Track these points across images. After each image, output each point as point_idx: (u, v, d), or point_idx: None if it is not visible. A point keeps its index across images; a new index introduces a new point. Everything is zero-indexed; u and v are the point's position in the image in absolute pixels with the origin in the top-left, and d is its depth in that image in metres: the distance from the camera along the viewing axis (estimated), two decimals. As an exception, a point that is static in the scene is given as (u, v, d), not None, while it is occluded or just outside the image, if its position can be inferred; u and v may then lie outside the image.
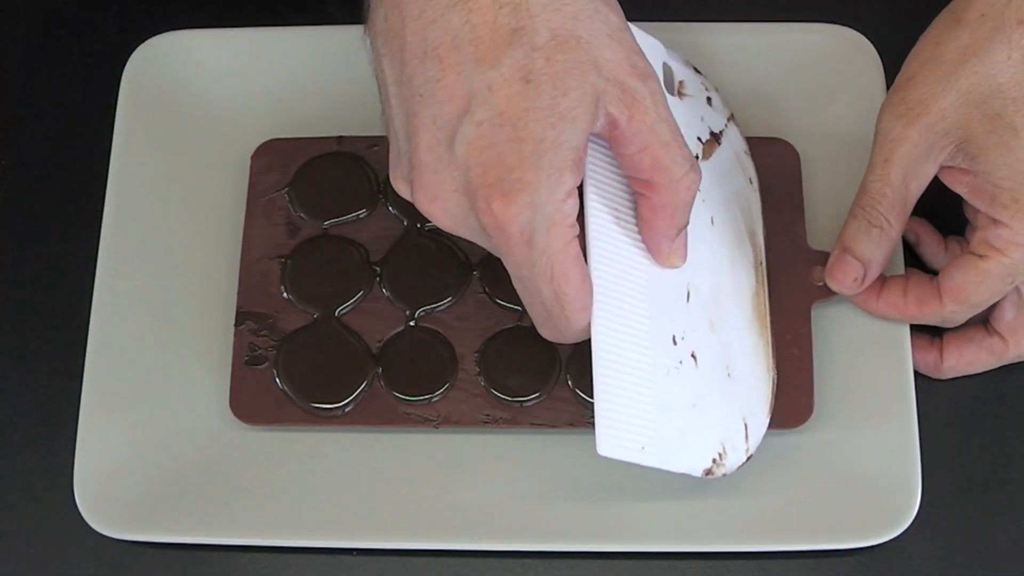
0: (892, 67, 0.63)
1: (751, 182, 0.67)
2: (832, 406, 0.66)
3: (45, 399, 0.69)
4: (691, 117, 0.64)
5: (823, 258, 0.67)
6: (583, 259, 0.56)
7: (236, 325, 0.68)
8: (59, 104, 0.75)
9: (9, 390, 0.70)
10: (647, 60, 0.56)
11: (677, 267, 0.60)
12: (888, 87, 0.63)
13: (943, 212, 0.67)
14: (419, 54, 0.54)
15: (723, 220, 0.64)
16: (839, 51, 0.71)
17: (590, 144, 0.56)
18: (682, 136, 0.56)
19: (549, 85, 0.53)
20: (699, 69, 0.67)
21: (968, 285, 0.62)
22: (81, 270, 0.70)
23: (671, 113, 0.56)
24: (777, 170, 0.69)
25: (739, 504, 0.65)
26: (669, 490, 0.65)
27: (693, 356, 0.61)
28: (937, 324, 0.66)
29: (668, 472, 0.60)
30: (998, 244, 0.61)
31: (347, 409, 0.66)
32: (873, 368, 0.66)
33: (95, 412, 0.67)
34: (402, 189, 0.57)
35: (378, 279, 0.68)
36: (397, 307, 0.68)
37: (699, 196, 0.59)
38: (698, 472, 0.61)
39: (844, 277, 0.65)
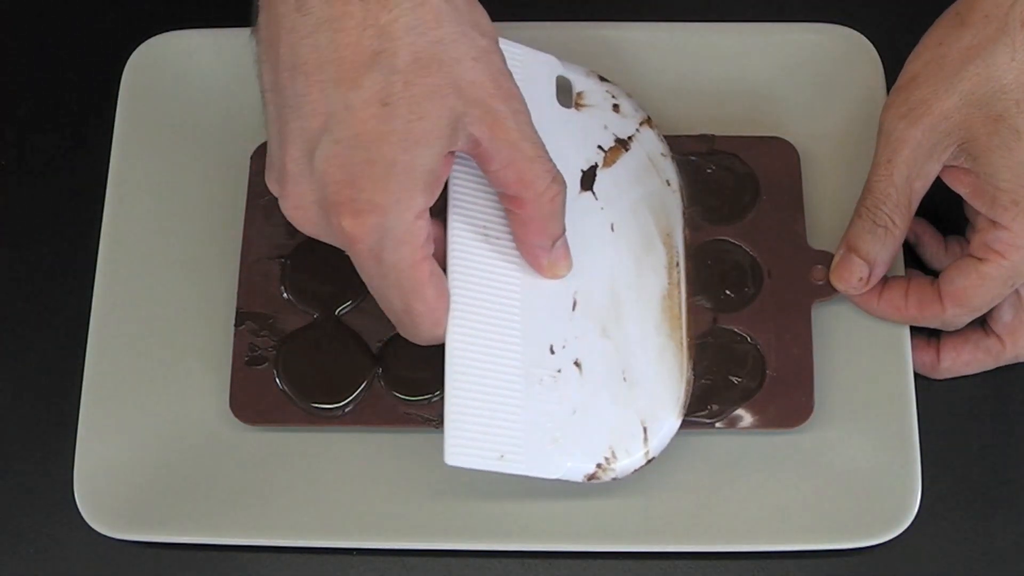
0: (892, 67, 0.63)
1: (669, 184, 0.68)
2: (832, 406, 0.66)
3: (45, 399, 0.69)
4: (591, 126, 0.66)
5: (823, 257, 0.67)
6: (440, 275, 0.59)
7: (236, 325, 0.68)
8: (59, 104, 0.75)
9: (9, 390, 0.70)
10: (512, 81, 0.57)
11: (562, 276, 0.62)
12: (888, 87, 0.63)
13: (944, 212, 0.67)
14: (289, 67, 0.55)
15: (627, 225, 0.66)
16: (839, 51, 0.71)
17: (463, 163, 0.59)
18: (546, 152, 0.58)
19: (405, 109, 0.54)
20: (606, 77, 0.68)
21: (968, 289, 0.62)
22: (81, 270, 0.70)
23: (535, 131, 0.57)
24: (777, 170, 0.69)
25: (739, 504, 0.65)
26: (669, 490, 0.65)
27: (577, 364, 0.62)
28: (938, 327, 0.66)
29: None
30: (998, 247, 0.61)
31: (347, 409, 0.66)
32: (873, 368, 0.66)
33: (95, 412, 0.67)
34: (274, 190, 0.58)
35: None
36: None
37: (597, 204, 0.63)
38: (579, 477, 0.62)
39: (850, 277, 0.65)
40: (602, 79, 0.68)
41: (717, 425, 0.66)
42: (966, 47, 0.60)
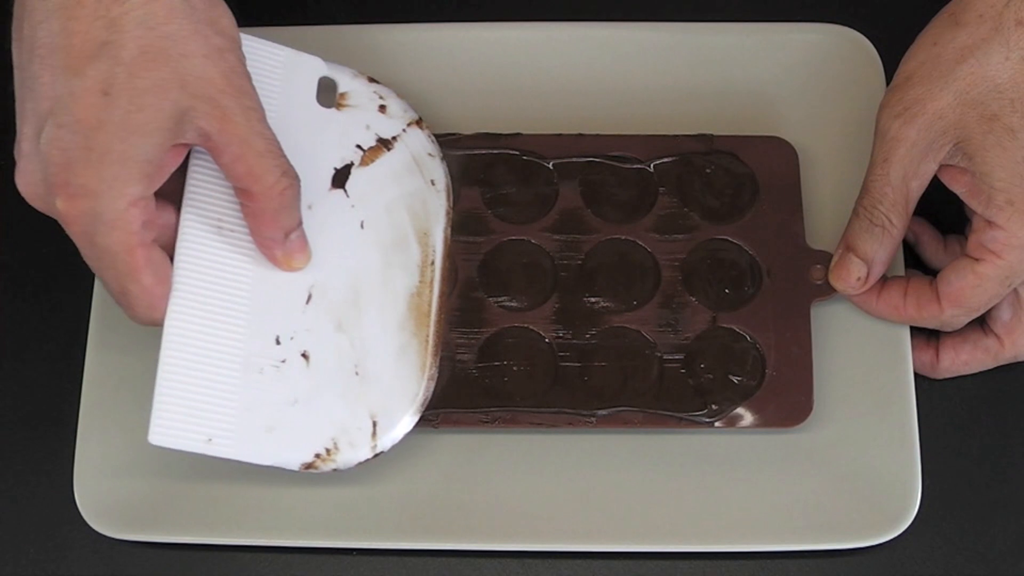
0: (892, 67, 0.63)
1: (434, 183, 0.69)
2: (832, 405, 0.66)
3: (45, 399, 0.69)
4: (352, 126, 0.67)
5: (822, 257, 0.67)
6: (161, 262, 0.60)
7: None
8: (59, 104, 0.75)
9: (9, 390, 0.70)
10: (247, 80, 0.59)
11: (298, 268, 0.64)
12: (888, 87, 0.63)
13: (943, 211, 0.67)
14: (28, 49, 0.57)
15: (379, 223, 0.67)
16: (839, 51, 0.71)
17: (206, 156, 0.61)
18: (278, 148, 0.60)
19: (126, 100, 0.56)
20: (376, 79, 0.69)
21: (965, 289, 0.62)
22: (81, 270, 0.69)
23: (267, 128, 0.59)
24: (776, 169, 0.69)
25: (739, 504, 0.65)
26: (669, 490, 0.65)
27: (304, 355, 0.64)
28: (937, 328, 0.66)
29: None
30: (993, 247, 0.61)
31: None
32: (873, 367, 0.66)
33: (95, 412, 0.67)
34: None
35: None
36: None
37: (348, 202, 0.66)
38: (295, 466, 0.63)
39: (848, 276, 0.65)
40: (371, 80, 0.69)
41: (716, 424, 0.66)
42: (960, 46, 0.60)
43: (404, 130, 0.69)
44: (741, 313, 0.67)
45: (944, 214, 0.67)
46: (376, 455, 0.64)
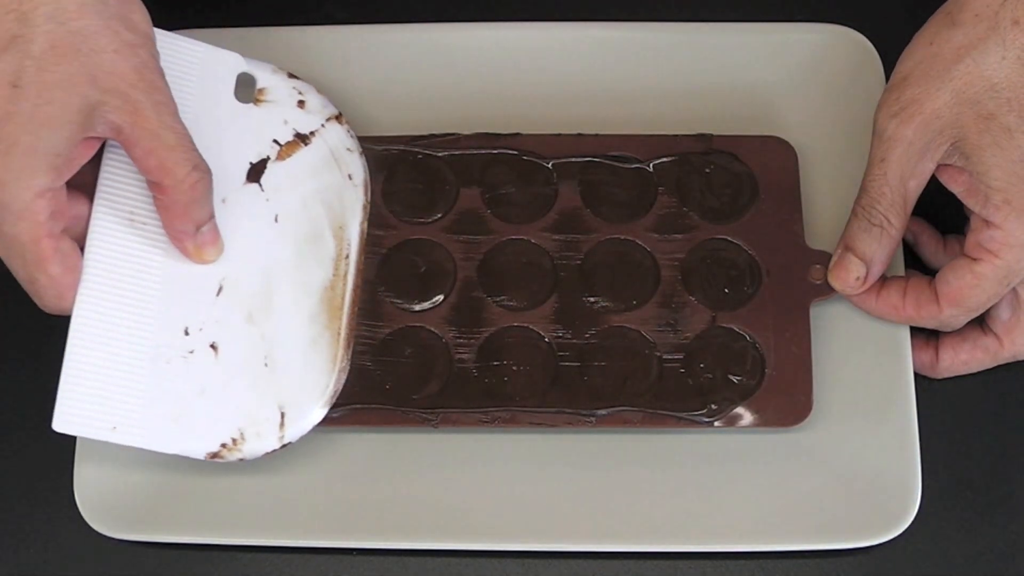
0: (892, 67, 0.63)
1: (351, 178, 0.69)
2: (832, 405, 0.66)
3: (45, 399, 0.69)
4: (269, 121, 0.68)
5: (821, 257, 0.67)
6: (71, 252, 0.61)
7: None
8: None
9: (9, 390, 0.70)
10: (159, 75, 0.60)
11: (210, 261, 0.64)
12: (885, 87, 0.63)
13: (942, 211, 0.67)
14: None
15: (294, 217, 0.67)
16: (839, 51, 0.71)
17: (117, 149, 0.62)
18: (189, 142, 0.61)
19: (35, 93, 0.57)
20: (296, 75, 0.69)
21: (964, 289, 0.62)
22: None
23: (178, 122, 0.60)
24: (775, 169, 0.69)
25: (739, 504, 0.65)
26: (669, 490, 0.65)
27: (213, 347, 0.64)
28: (936, 328, 0.66)
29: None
30: (991, 247, 0.61)
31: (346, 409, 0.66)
32: (873, 367, 0.66)
33: (95, 412, 0.67)
34: None
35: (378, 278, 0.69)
36: (395, 307, 0.68)
37: (263, 196, 0.67)
38: (200, 455, 0.64)
39: (847, 276, 0.65)
40: (291, 76, 0.69)
41: (716, 424, 0.66)
42: (957, 46, 0.60)
43: (323, 125, 0.69)
44: (740, 313, 0.67)
45: (944, 214, 0.67)
46: (283, 446, 0.65)
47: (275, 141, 0.68)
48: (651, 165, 0.70)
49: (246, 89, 0.68)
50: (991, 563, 0.66)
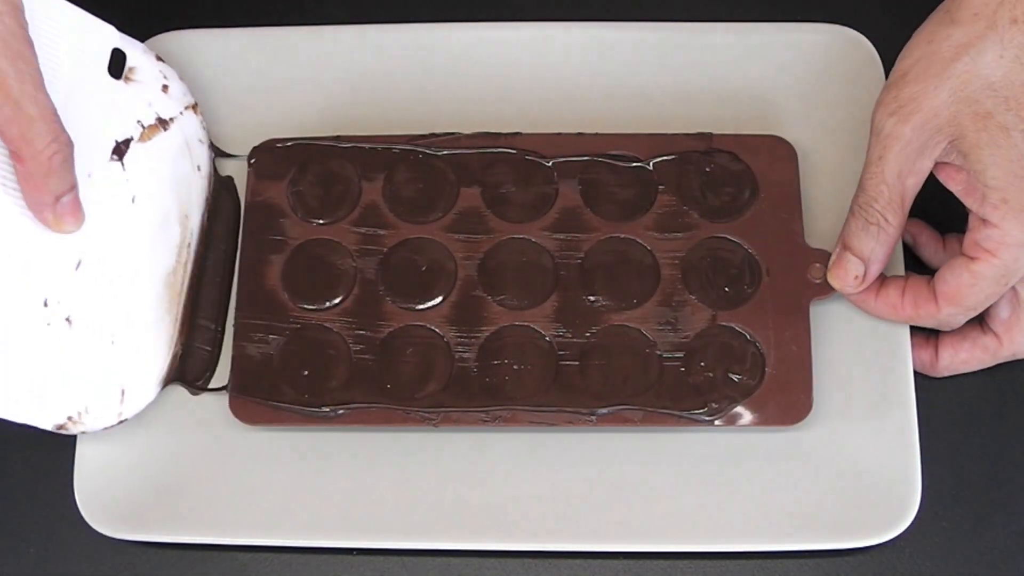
0: (892, 67, 0.63)
1: (199, 169, 0.70)
2: (832, 404, 0.66)
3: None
4: (135, 101, 0.69)
5: (821, 256, 0.67)
6: None
7: (235, 325, 0.68)
8: (60, 105, 0.75)
9: (9, 390, 0.70)
10: (26, 45, 0.59)
11: (69, 232, 0.64)
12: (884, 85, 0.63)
13: (942, 211, 0.67)
14: None
15: (150, 201, 0.68)
16: (839, 51, 0.71)
17: None
18: (52, 114, 0.60)
19: None
20: (162, 58, 0.70)
21: (962, 288, 0.62)
22: (81, 270, 0.70)
23: (42, 93, 0.60)
24: (775, 168, 0.69)
25: (739, 504, 0.65)
26: (669, 490, 0.65)
27: (68, 320, 0.64)
28: (935, 327, 0.66)
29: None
30: (988, 246, 0.61)
31: (346, 409, 0.66)
32: (873, 366, 0.66)
33: (95, 411, 0.67)
34: None
35: (378, 278, 0.69)
36: (396, 306, 0.68)
37: (124, 175, 0.67)
38: (48, 426, 0.64)
39: (845, 275, 0.65)
40: (159, 59, 0.70)
41: (716, 423, 0.66)
42: (955, 44, 0.60)
43: (181, 113, 0.70)
44: (740, 311, 0.67)
45: (943, 214, 0.67)
46: (120, 422, 0.66)
47: (139, 122, 0.68)
48: (651, 164, 0.70)
49: (118, 65, 0.68)
50: (991, 563, 0.66)
